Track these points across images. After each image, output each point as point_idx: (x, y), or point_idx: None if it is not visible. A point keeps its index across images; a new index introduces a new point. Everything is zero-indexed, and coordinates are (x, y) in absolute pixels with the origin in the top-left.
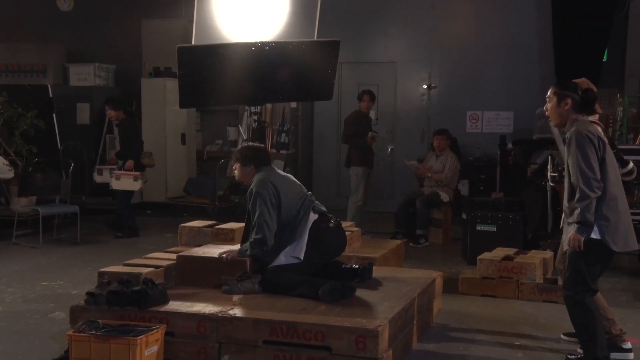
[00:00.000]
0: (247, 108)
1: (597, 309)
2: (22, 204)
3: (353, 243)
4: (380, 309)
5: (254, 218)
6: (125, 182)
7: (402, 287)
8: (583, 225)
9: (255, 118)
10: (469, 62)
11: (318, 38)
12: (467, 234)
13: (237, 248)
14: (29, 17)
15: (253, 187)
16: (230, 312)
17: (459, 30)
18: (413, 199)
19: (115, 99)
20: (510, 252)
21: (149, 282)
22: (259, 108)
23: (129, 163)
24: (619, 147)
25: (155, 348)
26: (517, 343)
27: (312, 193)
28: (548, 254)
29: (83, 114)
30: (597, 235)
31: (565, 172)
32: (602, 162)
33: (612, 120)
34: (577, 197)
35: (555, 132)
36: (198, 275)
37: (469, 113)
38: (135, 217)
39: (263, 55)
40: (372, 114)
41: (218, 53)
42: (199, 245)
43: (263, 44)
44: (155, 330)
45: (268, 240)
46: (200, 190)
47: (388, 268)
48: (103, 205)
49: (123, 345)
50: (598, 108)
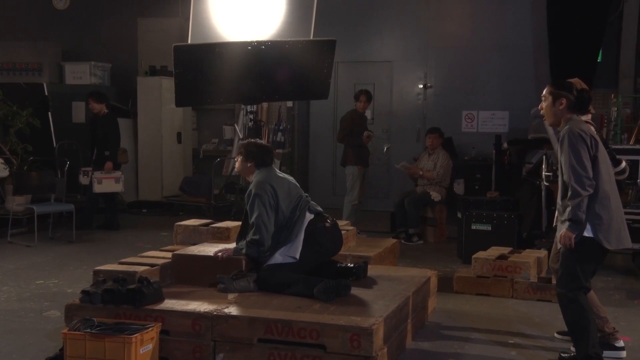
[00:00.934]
0: (243, 107)
1: (590, 307)
2: (17, 203)
3: (348, 242)
4: (375, 308)
5: (252, 219)
6: (107, 184)
7: (396, 285)
8: (574, 223)
9: (251, 117)
10: (465, 61)
11: (314, 37)
12: (462, 233)
13: (232, 246)
14: (25, 15)
15: (252, 188)
16: (226, 310)
17: (455, 30)
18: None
19: (100, 92)
20: (505, 251)
21: (144, 280)
22: (255, 107)
23: (108, 164)
24: (613, 147)
25: (150, 346)
26: (511, 341)
27: (308, 192)
28: (542, 253)
29: (79, 113)
30: (589, 234)
31: (559, 170)
32: (594, 160)
33: (606, 120)
34: (569, 194)
35: (550, 131)
36: (193, 274)
37: (465, 112)
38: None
39: (259, 54)
40: (368, 113)
41: (214, 52)
42: (195, 244)
43: (259, 43)
44: (151, 329)
45: (265, 242)
46: (196, 189)
47: (383, 267)
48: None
49: (118, 344)
50: (591, 108)
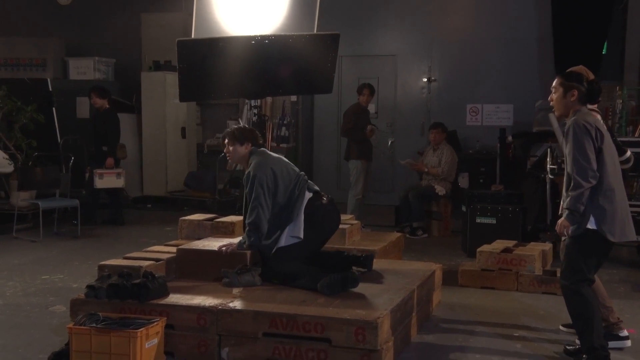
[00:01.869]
0: (247, 101)
1: (594, 299)
2: (22, 198)
3: (353, 236)
4: (380, 301)
5: (249, 196)
6: (109, 180)
7: (401, 279)
8: (571, 213)
9: (256, 112)
10: (469, 55)
11: (318, 31)
12: (466, 227)
13: (237, 241)
14: (28, 11)
15: (251, 170)
16: (230, 304)
17: (459, 23)
18: None
19: (102, 87)
20: (510, 244)
21: (149, 275)
22: (259, 101)
23: (109, 160)
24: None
25: (156, 341)
26: (516, 334)
27: None
28: (547, 246)
29: (83, 108)
30: (593, 226)
31: (566, 162)
32: (599, 152)
33: (611, 113)
34: (571, 185)
35: (555, 124)
36: (198, 268)
37: (469, 106)
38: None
39: (263, 49)
40: (372, 107)
41: (218, 46)
42: (199, 239)
43: (263, 38)
44: (156, 323)
45: (262, 224)
46: (201, 184)
47: (387, 260)
48: (103, 199)
49: (123, 338)
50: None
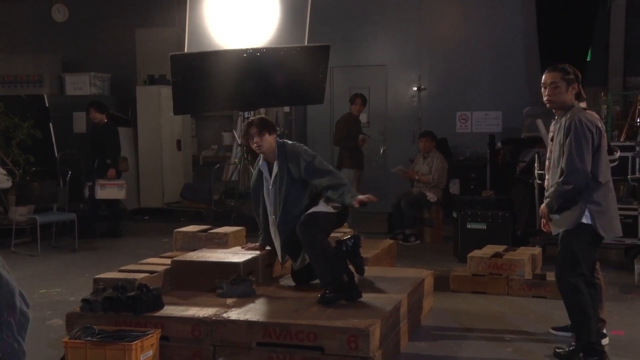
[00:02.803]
0: (240, 113)
1: (593, 295)
2: (20, 213)
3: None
4: (372, 309)
5: (311, 166)
6: (110, 191)
7: (393, 286)
8: (550, 204)
9: None
10: (458, 63)
11: (309, 43)
12: (457, 232)
13: (231, 254)
14: (25, 28)
15: (303, 153)
16: (224, 315)
17: (447, 32)
18: None
19: (100, 102)
20: (500, 249)
21: (144, 287)
22: (253, 113)
23: (111, 172)
24: None
25: (151, 352)
26: (507, 338)
27: None
28: (537, 250)
29: (79, 123)
30: (588, 220)
31: (560, 155)
32: (597, 149)
33: None
34: (561, 179)
35: (542, 130)
36: (192, 280)
37: (459, 113)
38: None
39: (255, 61)
40: (363, 117)
41: (210, 60)
42: (194, 250)
43: (255, 50)
44: (150, 335)
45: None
46: (197, 195)
47: (380, 267)
48: (102, 212)
49: (119, 351)
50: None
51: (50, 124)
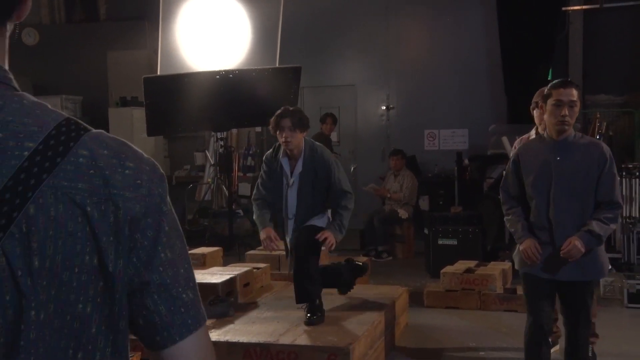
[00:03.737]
0: (213, 134)
1: None
2: None
3: (322, 261)
4: (350, 327)
5: (338, 184)
6: None
7: (369, 304)
8: (597, 240)
9: (222, 143)
10: (425, 83)
11: (280, 64)
12: (429, 249)
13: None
14: None
15: (328, 157)
16: None
17: (414, 53)
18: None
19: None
20: (472, 264)
21: None
22: (225, 133)
23: None
24: None
25: None
26: (481, 354)
27: None
28: (507, 265)
29: None
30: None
31: (589, 184)
32: None
33: None
34: (610, 215)
35: (508, 147)
36: None
37: (427, 132)
38: None
39: (227, 83)
40: (334, 136)
41: (183, 82)
42: None
43: (227, 72)
44: (132, 357)
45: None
46: None
47: (355, 285)
48: None
49: None
50: None
51: None
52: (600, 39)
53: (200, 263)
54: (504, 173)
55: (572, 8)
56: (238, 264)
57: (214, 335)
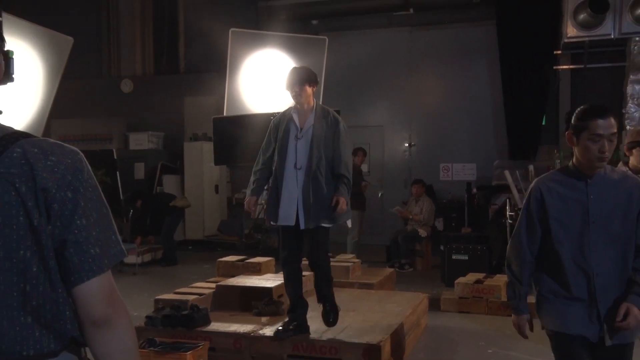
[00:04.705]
0: None
1: None
2: None
3: (355, 272)
4: (381, 326)
5: (343, 153)
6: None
7: (396, 307)
8: None
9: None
10: (440, 125)
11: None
12: (444, 262)
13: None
14: (99, 97)
15: (340, 119)
16: (260, 331)
17: (431, 100)
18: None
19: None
20: (480, 276)
21: (195, 307)
22: None
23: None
24: None
25: None
26: (489, 351)
27: None
28: None
29: (139, 171)
30: None
31: (635, 227)
32: None
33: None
34: None
35: (509, 179)
36: (233, 301)
37: (442, 165)
38: (175, 250)
39: None
40: (364, 167)
41: (244, 121)
42: (233, 276)
43: (279, 113)
44: (201, 347)
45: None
46: (231, 230)
47: (384, 291)
48: (156, 244)
49: (176, 359)
50: None
51: (117, 172)
52: (586, 93)
53: (257, 270)
54: (519, 219)
55: (561, 67)
56: None
57: (269, 331)
